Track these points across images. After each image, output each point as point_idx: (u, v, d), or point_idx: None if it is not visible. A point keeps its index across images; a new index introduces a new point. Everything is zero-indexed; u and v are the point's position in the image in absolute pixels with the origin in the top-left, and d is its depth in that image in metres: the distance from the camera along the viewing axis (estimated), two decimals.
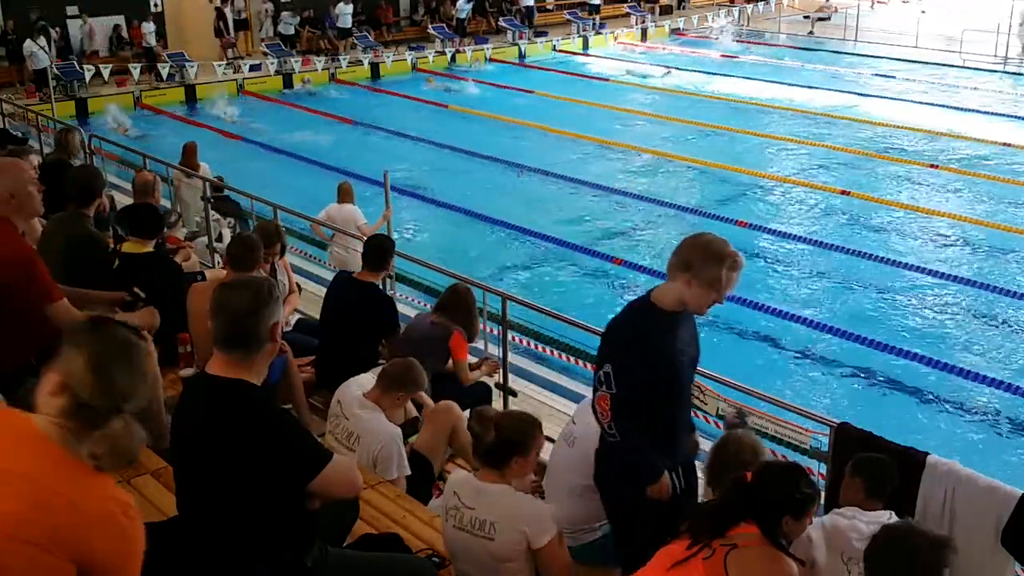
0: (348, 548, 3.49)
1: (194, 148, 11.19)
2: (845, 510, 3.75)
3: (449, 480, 3.85)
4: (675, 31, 30.82)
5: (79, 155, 9.06)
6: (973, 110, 19.88)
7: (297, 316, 6.66)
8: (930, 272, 11.18)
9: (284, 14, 25.03)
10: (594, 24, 29.60)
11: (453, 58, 25.82)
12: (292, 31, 25.30)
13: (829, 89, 21.88)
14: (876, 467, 3.82)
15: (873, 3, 35.76)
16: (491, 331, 6.97)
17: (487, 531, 3.44)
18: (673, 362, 3.52)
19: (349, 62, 24.44)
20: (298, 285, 7.36)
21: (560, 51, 27.82)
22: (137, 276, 5.43)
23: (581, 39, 28.76)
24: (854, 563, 3.58)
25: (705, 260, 3.37)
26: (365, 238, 6.86)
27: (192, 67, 22.29)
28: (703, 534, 2.96)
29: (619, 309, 3.77)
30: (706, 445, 4.17)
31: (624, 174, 15.85)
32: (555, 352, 8.46)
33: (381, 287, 5.99)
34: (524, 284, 11.01)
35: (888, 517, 3.67)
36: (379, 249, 5.78)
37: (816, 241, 12.38)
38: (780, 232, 12.71)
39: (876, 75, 23.69)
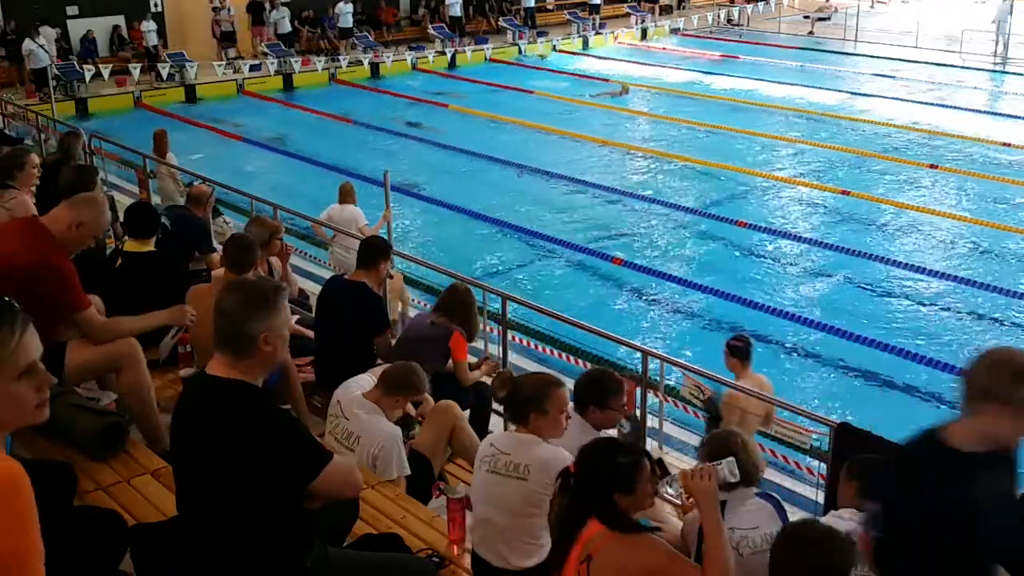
0: (348, 548, 3.49)
1: (164, 135, 11.47)
2: (843, 512, 3.72)
3: (484, 439, 4.05)
4: (675, 31, 30.84)
5: (79, 158, 9.10)
6: (973, 110, 19.89)
7: (296, 316, 6.65)
8: (930, 272, 11.17)
9: (274, 12, 24.95)
10: (594, 24, 29.62)
11: (453, 59, 25.81)
12: (288, 28, 25.26)
13: (829, 89, 21.89)
14: (871, 469, 3.78)
15: (873, 3, 35.78)
16: (491, 331, 6.97)
17: (522, 472, 3.69)
18: (977, 519, 2.65)
19: (349, 62, 24.44)
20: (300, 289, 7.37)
21: (560, 51, 27.84)
22: (139, 275, 5.45)
23: (581, 39, 28.78)
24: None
25: None
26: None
27: (192, 67, 22.31)
28: (561, 544, 2.93)
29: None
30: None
31: (624, 174, 15.86)
32: (555, 352, 8.46)
33: (375, 288, 5.98)
34: (524, 284, 11.00)
35: None
36: (372, 249, 5.78)
37: (816, 241, 12.37)
38: (780, 232, 12.71)
39: (876, 75, 23.69)
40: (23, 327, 2.03)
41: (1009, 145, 16.62)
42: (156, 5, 24.39)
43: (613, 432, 4.61)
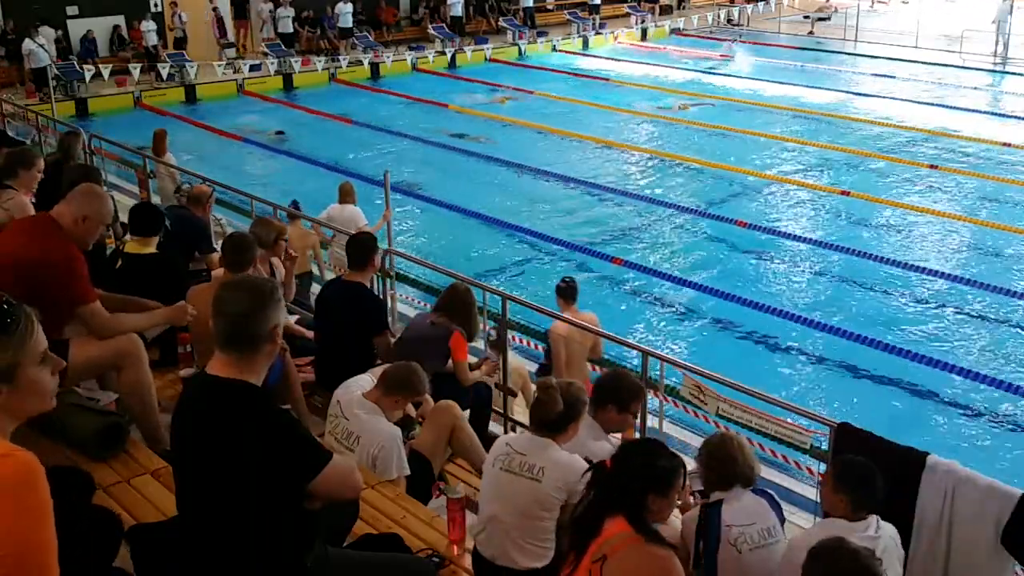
0: (348, 548, 3.49)
1: (163, 134, 11.54)
2: (838, 523, 3.62)
3: (499, 439, 4.11)
4: (675, 31, 30.85)
5: (79, 158, 9.10)
6: (973, 110, 19.89)
7: (296, 316, 6.65)
8: (930, 272, 11.17)
9: (280, 10, 25.00)
10: (594, 24, 29.63)
11: (453, 59, 25.81)
12: (289, 28, 25.27)
13: (829, 89, 21.90)
14: (858, 481, 3.64)
15: (873, 3, 35.80)
16: (491, 331, 6.97)
17: (536, 474, 3.74)
18: None
19: (349, 62, 24.44)
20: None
21: (560, 51, 27.85)
22: (139, 276, 5.45)
23: (581, 39, 28.79)
24: None
25: None
26: None
27: (192, 67, 22.31)
28: (579, 540, 2.92)
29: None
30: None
31: (624, 174, 15.86)
32: None
33: (370, 286, 5.99)
34: (524, 284, 11.00)
35: (876, 528, 3.60)
36: (362, 247, 5.79)
37: (816, 241, 12.37)
38: (780, 232, 12.71)
39: (876, 75, 23.69)
40: (35, 317, 2.14)
41: (1009, 145, 16.63)
42: (156, 5, 24.40)
43: (618, 435, 4.62)
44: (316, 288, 8.67)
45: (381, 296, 6.87)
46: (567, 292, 6.82)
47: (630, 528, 2.89)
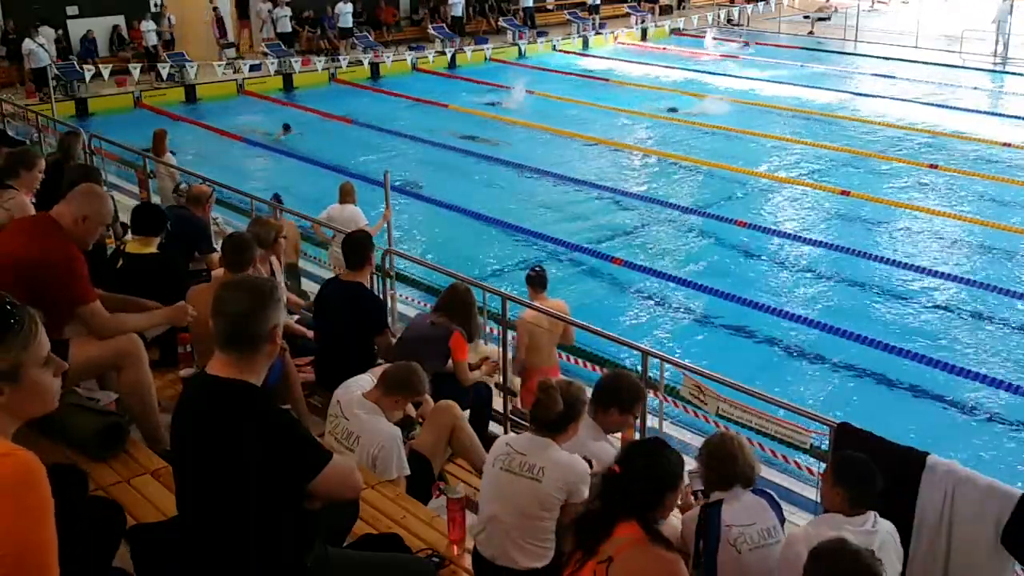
0: (348, 548, 3.49)
1: (163, 134, 11.54)
2: (836, 519, 3.64)
3: (499, 439, 4.12)
4: (675, 31, 30.85)
5: (79, 158, 9.11)
6: (973, 110, 19.89)
7: (296, 316, 6.65)
8: (930, 272, 11.18)
9: (277, 10, 25.01)
10: (594, 24, 29.64)
11: (453, 59, 25.81)
12: (288, 28, 25.26)
13: (829, 89, 21.91)
14: (856, 477, 3.66)
15: (873, 3, 35.82)
16: (491, 331, 6.98)
17: (536, 474, 3.74)
18: None
19: (349, 62, 24.45)
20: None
21: (560, 51, 27.86)
22: (140, 276, 5.45)
23: (581, 39, 28.80)
24: None
25: None
26: None
27: (192, 67, 22.31)
28: (587, 543, 2.93)
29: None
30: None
31: (624, 174, 15.86)
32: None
33: (369, 285, 5.99)
34: (524, 284, 10.98)
35: (873, 523, 3.61)
36: (358, 246, 5.79)
37: (816, 241, 12.37)
38: (780, 232, 12.71)
39: (876, 75, 23.70)
40: (39, 319, 2.15)
41: (1009, 145, 16.63)
42: (156, 5, 24.41)
43: (617, 435, 4.63)
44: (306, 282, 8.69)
45: (381, 296, 6.87)
46: (536, 280, 6.99)
47: (639, 530, 2.90)
